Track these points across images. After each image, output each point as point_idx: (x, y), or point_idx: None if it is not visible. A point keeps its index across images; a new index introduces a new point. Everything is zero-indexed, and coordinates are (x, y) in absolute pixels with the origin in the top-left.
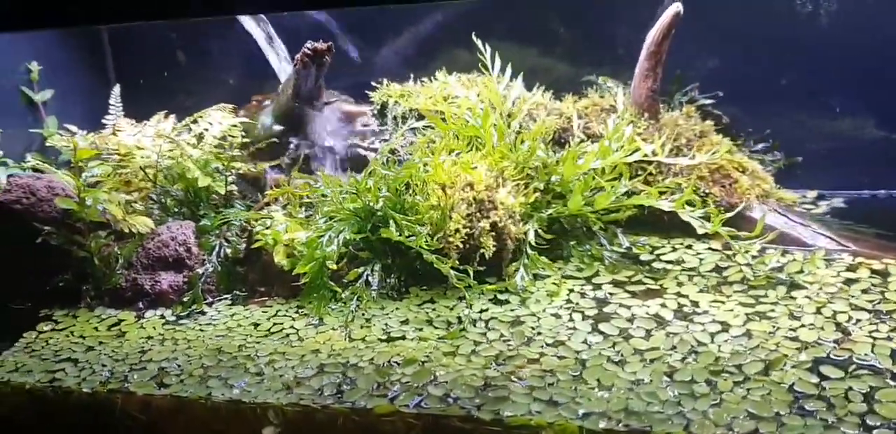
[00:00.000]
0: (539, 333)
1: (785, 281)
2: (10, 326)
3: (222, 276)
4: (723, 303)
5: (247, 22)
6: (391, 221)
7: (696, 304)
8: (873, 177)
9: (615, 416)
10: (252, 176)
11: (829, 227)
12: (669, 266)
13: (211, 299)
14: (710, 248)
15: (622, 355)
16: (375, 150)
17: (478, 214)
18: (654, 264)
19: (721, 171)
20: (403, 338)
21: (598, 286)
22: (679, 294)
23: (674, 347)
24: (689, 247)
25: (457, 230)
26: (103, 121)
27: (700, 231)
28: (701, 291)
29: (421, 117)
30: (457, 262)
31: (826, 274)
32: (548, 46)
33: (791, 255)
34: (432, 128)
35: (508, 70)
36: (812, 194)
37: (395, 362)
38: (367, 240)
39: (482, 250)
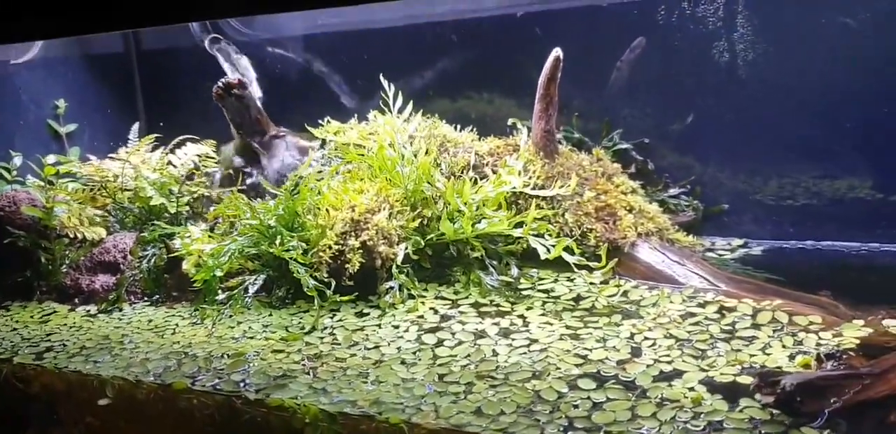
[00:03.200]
0: (366, 338)
1: (630, 312)
2: None
3: (148, 282)
4: (551, 324)
5: (220, 59)
6: (278, 237)
7: (526, 324)
8: (802, 228)
9: (361, 403)
10: (216, 199)
11: (715, 269)
12: (537, 294)
13: (134, 300)
14: (590, 283)
15: (418, 359)
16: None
17: (352, 233)
18: (526, 292)
19: (608, 209)
20: (253, 337)
21: (456, 306)
22: (521, 316)
23: (468, 356)
24: (571, 280)
25: (329, 246)
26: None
27: (543, 256)
28: (542, 315)
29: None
30: (325, 275)
31: (673, 308)
32: (491, 92)
33: (657, 291)
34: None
35: (410, 108)
36: (738, 242)
37: (227, 354)
38: (261, 254)
39: (348, 266)
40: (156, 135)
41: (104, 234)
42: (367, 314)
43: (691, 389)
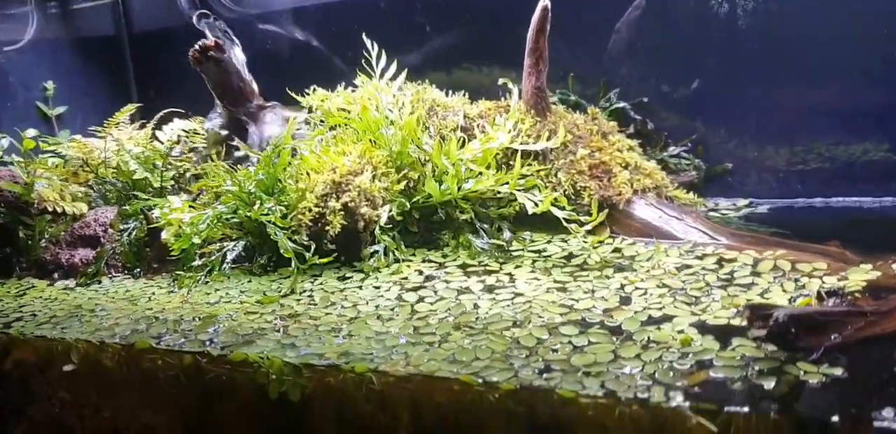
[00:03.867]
0: (345, 299)
1: (623, 266)
2: None
3: (128, 255)
4: (538, 280)
5: (208, 34)
6: (258, 202)
7: (513, 281)
8: (810, 185)
9: (329, 356)
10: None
11: (717, 225)
12: (529, 254)
13: (114, 274)
14: (584, 242)
15: (395, 315)
16: None
17: (333, 195)
18: (517, 253)
19: (602, 166)
20: (229, 302)
21: (443, 267)
22: (508, 274)
23: (448, 310)
24: (565, 241)
25: (309, 209)
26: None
27: (531, 210)
28: (531, 272)
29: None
30: (305, 238)
31: (669, 261)
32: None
33: (653, 247)
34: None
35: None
36: (743, 202)
37: (198, 317)
38: (241, 220)
39: (328, 228)
40: (137, 104)
41: (85, 210)
42: (350, 278)
43: (680, 332)
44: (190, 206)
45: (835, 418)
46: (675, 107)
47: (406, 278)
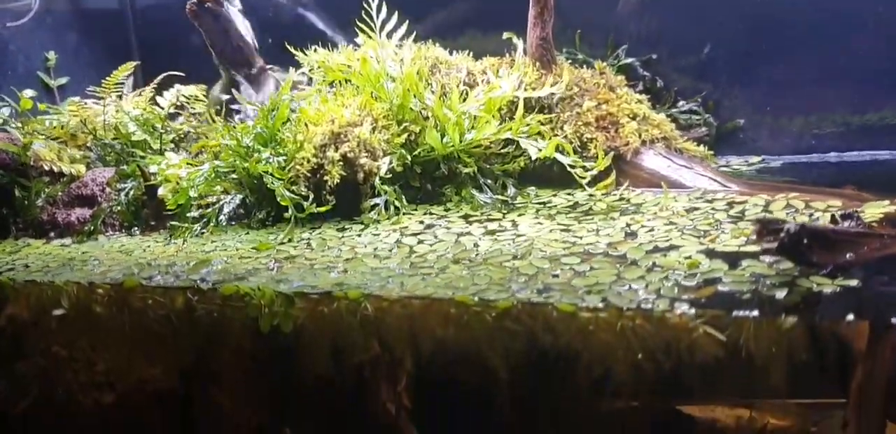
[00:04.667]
0: (343, 244)
1: (630, 210)
2: None
3: (125, 214)
4: (541, 224)
5: None
6: (255, 155)
7: (515, 226)
8: (823, 139)
9: (322, 287)
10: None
11: (729, 175)
12: (533, 205)
13: (111, 232)
14: (590, 195)
15: (393, 254)
16: None
17: (332, 146)
18: (520, 205)
19: (609, 117)
20: (225, 250)
21: (444, 218)
22: (511, 221)
23: (447, 249)
24: (571, 194)
25: (307, 159)
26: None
27: (534, 155)
28: (534, 218)
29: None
30: (303, 189)
31: (677, 205)
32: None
33: (661, 195)
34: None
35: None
36: (755, 159)
37: (191, 262)
38: (238, 174)
39: (327, 178)
40: (134, 62)
41: (84, 171)
42: (349, 229)
43: (688, 258)
44: (188, 164)
45: (850, 318)
46: (685, 63)
47: (406, 227)
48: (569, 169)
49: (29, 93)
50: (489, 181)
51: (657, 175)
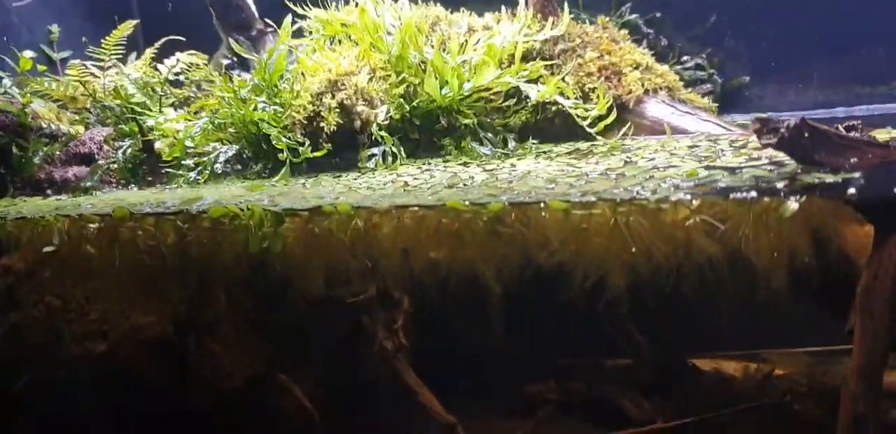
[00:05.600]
0: (338, 183)
1: (630, 149)
2: None
3: (122, 170)
4: (540, 163)
5: None
6: (252, 105)
7: (514, 167)
8: (830, 94)
9: (311, 203)
10: None
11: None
12: (534, 153)
13: (109, 189)
14: (592, 145)
15: (386, 186)
16: None
17: (329, 93)
18: (520, 155)
19: (612, 67)
20: (217, 191)
21: (442, 165)
22: (510, 164)
23: (442, 180)
24: (573, 145)
25: (303, 107)
26: None
27: (533, 97)
28: (534, 160)
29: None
30: (300, 137)
31: (680, 144)
32: None
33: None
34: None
35: None
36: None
37: (183, 200)
38: (234, 126)
39: (323, 125)
40: (134, 21)
41: (83, 132)
42: (345, 176)
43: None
44: (185, 119)
45: (851, 191)
46: (690, 20)
47: (400, 173)
48: (568, 110)
49: (29, 53)
50: (489, 135)
51: (660, 123)
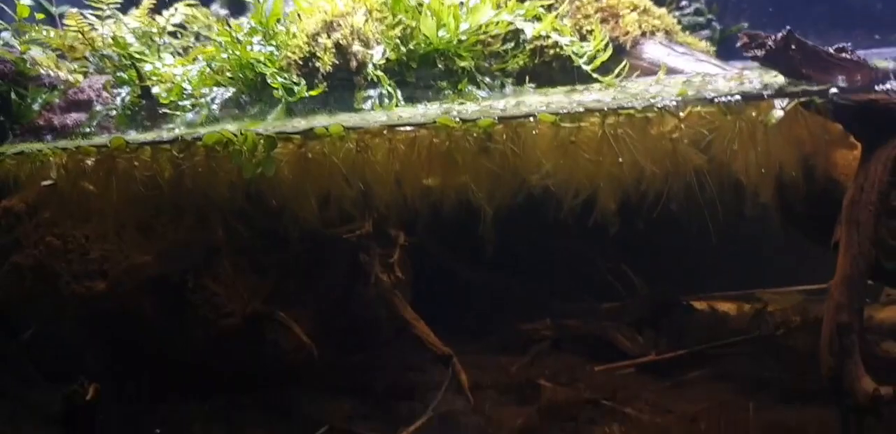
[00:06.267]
0: (334, 119)
1: (626, 87)
2: None
3: (121, 117)
4: (534, 98)
5: None
6: (248, 45)
7: (517, 104)
8: (831, 37)
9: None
10: None
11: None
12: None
13: (107, 134)
14: (589, 87)
15: (383, 117)
16: None
17: (325, 34)
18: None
19: (609, 9)
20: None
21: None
22: (506, 101)
23: (437, 110)
24: (570, 87)
25: (298, 47)
26: None
27: (529, 33)
28: (531, 96)
29: None
30: (295, 78)
31: (673, 82)
32: None
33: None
34: None
35: None
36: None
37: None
38: (231, 69)
39: (319, 65)
40: None
41: (81, 79)
42: (341, 116)
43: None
44: (182, 65)
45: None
46: None
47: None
48: (564, 48)
49: (27, 1)
50: (487, 79)
51: (657, 64)
